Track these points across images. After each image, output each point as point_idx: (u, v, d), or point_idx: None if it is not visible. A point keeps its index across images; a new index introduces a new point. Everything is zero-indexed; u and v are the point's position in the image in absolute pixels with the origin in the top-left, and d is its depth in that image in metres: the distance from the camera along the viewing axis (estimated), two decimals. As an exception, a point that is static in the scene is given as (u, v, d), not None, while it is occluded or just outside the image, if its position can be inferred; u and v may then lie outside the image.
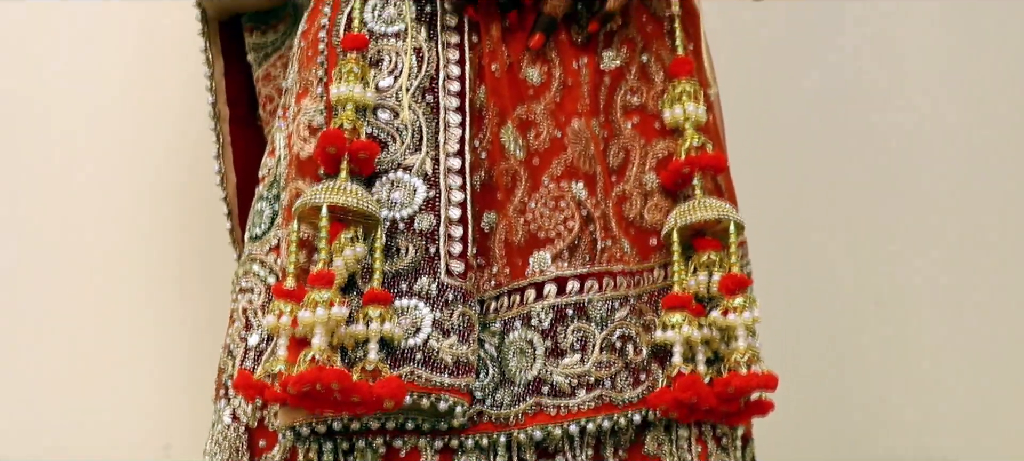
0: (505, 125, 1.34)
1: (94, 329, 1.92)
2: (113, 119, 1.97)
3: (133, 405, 1.91)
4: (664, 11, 1.43)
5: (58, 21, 1.97)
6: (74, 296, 1.92)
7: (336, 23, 1.35)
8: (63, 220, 1.94)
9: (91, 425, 1.90)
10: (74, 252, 1.93)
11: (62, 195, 1.94)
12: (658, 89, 1.40)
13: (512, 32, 1.36)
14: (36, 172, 1.94)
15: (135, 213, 1.96)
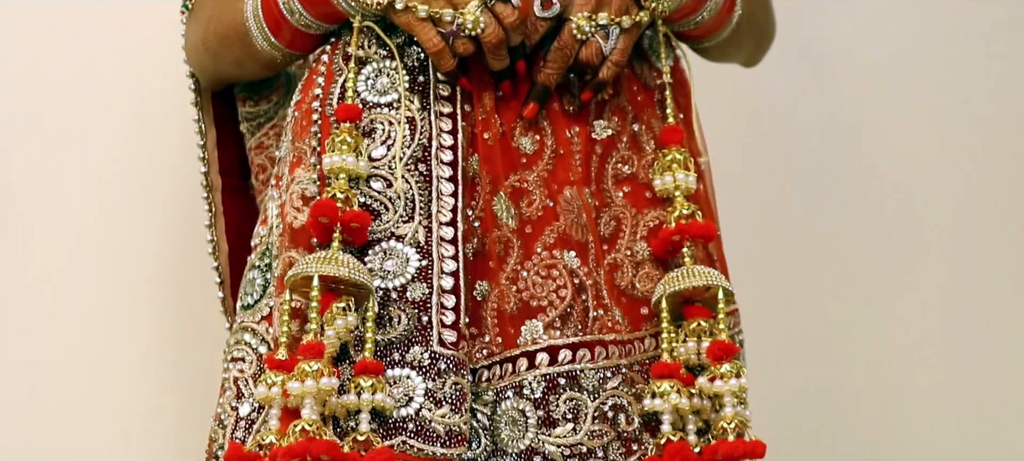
0: (498, 194, 1.34)
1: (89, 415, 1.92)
2: (107, 189, 1.98)
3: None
4: (655, 81, 1.44)
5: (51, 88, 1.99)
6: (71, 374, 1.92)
7: (330, 93, 1.36)
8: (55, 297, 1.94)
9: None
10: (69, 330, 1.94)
11: (52, 271, 1.95)
12: (649, 158, 1.41)
13: (505, 101, 1.37)
14: (32, 256, 1.95)
15: (128, 280, 1.97)
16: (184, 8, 1.52)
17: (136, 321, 1.96)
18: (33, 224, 1.95)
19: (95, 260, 1.96)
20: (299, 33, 1.38)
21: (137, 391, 1.94)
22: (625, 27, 1.33)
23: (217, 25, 1.44)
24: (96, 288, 1.95)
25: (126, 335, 1.95)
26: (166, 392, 1.94)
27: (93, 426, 1.92)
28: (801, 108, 2.28)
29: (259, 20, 1.38)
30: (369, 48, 1.36)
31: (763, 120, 2.26)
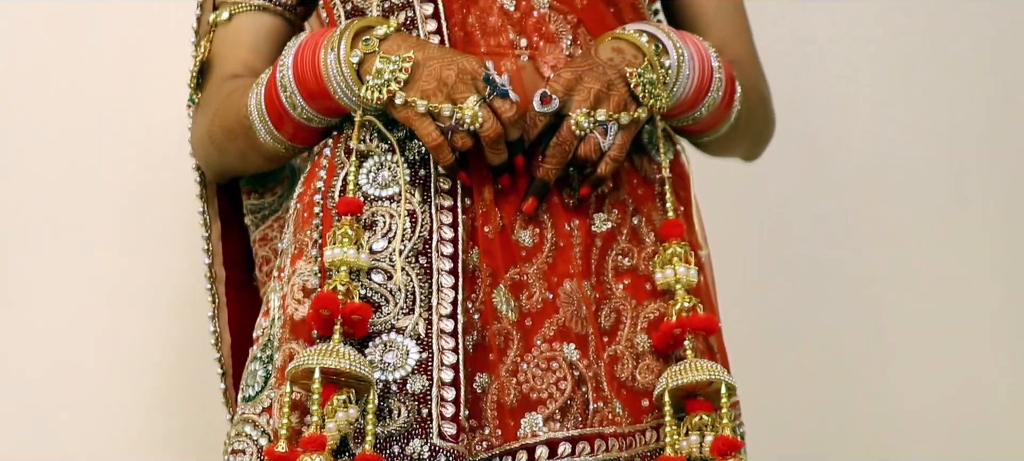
0: (498, 286, 1.35)
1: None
2: (113, 282, 2.00)
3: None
4: (654, 174, 1.45)
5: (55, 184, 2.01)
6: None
7: (331, 186, 1.38)
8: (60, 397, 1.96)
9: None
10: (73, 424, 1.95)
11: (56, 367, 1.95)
12: (649, 251, 1.42)
13: (505, 195, 1.38)
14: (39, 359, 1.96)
15: (133, 372, 1.97)
16: (190, 102, 1.54)
17: (140, 412, 1.97)
18: (38, 319, 1.96)
19: (101, 352, 1.97)
20: (302, 127, 1.40)
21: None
22: (623, 123, 1.34)
23: (222, 119, 1.46)
24: (101, 381, 1.97)
25: (130, 427, 1.96)
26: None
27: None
28: (800, 201, 2.29)
29: (262, 114, 1.40)
30: (371, 142, 1.38)
31: (763, 213, 2.27)
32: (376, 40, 1.32)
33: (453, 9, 1.41)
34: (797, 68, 2.28)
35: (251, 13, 1.51)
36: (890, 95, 2.34)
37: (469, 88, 1.29)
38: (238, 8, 1.51)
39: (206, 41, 1.53)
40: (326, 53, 1.33)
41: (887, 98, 2.33)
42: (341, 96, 1.34)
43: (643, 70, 1.34)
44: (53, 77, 2.04)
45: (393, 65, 1.30)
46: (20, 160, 2.02)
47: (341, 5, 1.44)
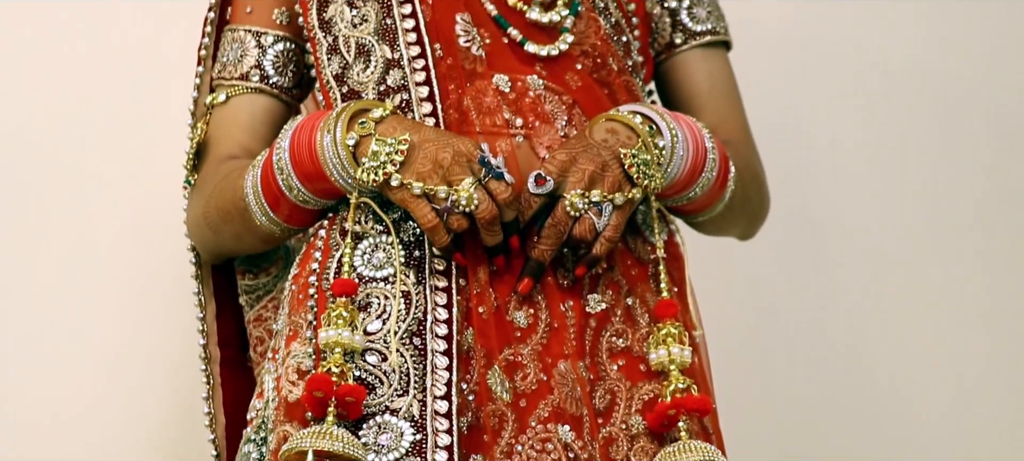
0: (492, 368, 1.35)
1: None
2: (109, 362, 2.00)
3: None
4: (648, 255, 1.46)
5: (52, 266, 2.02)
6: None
7: (326, 268, 1.38)
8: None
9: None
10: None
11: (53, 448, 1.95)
12: (643, 332, 1.42)
13: (499, 275, 1.38)
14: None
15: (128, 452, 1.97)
16: (186, 183, 1.55)
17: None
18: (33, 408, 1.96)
19: (94, 434, 1.96)
20: (297, 208, 1.40)
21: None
22: (618, 204, 1.35)
23: (218, 200, 1.46)
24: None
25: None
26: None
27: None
28: (796, 281, 2.30)
29: (258, 195, 1.40)
30: (366, 223, 1.38)
31: (758, 293, 2.28)
32: (372, 123, 1.33)
33: (448, 91, 1.42)
34: (791, 146, 2.30)
35: (248, 95, 1.52)
36: (885, 172, 2.35)
37: (465, 170, 1.30)
38: (235, 90, 1.52)
39: (203, 123, 1.54)
40: (322, 135, 1.33)
41: (882, 175, 2.35)
42: (337, 178, 1.34)
43: (637, 151, 1.35)
44: (52, 156, 2.06)
45: (389, 147, 1.31)
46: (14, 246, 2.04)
47: (337, 87, 1.45)
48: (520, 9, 1.47)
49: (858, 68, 2.35)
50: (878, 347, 2.29)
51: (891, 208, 2.34)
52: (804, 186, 2.30)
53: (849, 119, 2.35)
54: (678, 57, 1.62)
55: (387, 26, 1.43)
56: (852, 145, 2.34)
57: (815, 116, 2.35)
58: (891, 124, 2.35)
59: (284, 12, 1.53)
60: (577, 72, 1.47)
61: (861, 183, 2.35)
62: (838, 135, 2.35)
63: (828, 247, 2.33)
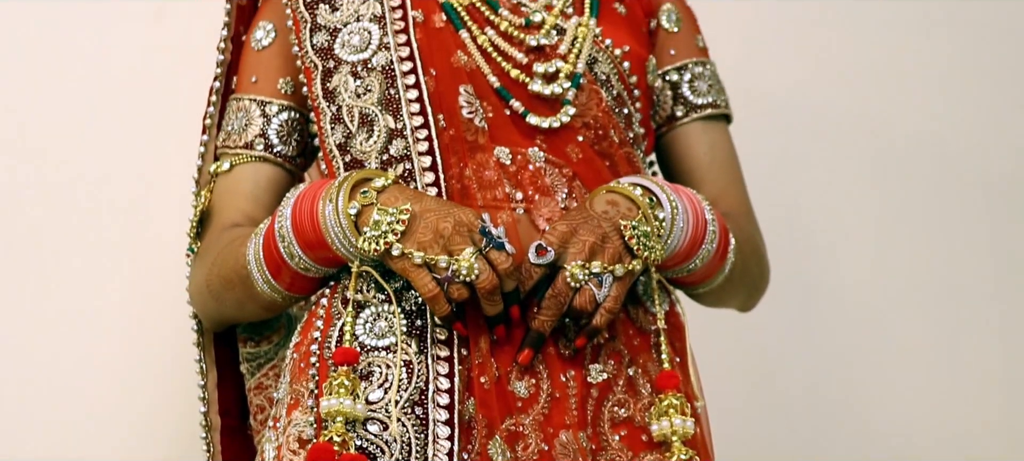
0: (493, 438, 1.35)
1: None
2: (108, 429, 2.00)
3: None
4: (650, 325, 1.46)
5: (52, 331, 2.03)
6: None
7: (328, 336, 1.38)
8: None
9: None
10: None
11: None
12: (645, 402, 1.42)
13: (501, 345, 1.38)
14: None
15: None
16: (189, 251, 1.56)
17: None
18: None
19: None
20: (299, 276, 1.41)
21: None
22: (618, 275, 1.35)
23: (220, 268, 1.47)
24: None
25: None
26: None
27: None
28: (795, 351, 2.30)
29: (260, 263, 1.41)
30: (367, 292, 1.39)
31: (759, 364, 2.27)
32: (374, 192, 1.34)
33: (450, 162, 1.43)
34: (791, 218, 2.31)
35: (252, 164, 1.53)
36: (884, 241, 2.36)
37: (465, 240, 1.31)
38: (239, 158, 1.53)
39: (206, 191, 1.55)
40: (324, 204, 1.34)
41: (881, 244, 2.36)
42: (339, 247, 1.35)
43: (637, 223, 1.36)
44: (56, 222, 2.07)
45: (390, 217, 1.31)
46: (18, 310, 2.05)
47: (340, 157, 1.46)
48: (523, 81, 1.48)
49: (856, 139, 2.36)
50: (877, 412, 2.29)
51: (890, 277, 2.34)
52: (803, 255, 2.31)
53: (848, 189, 2.36)
54: (679, 129, 1.63)
55: (391, 96, 1.45)
56: (851, 216, 2.35)
57: (814, 187, 2.36)
58: (890, 192, 2.37)
59: (289, 82, 1.54)
60: (578, 144, 1.48)
61: (860, 253, 2.35)
62: (837, 206, 2.36)
63: (827, 315, 2.34)
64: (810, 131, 2.36)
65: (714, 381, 1.59)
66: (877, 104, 2.37)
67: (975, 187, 2.38)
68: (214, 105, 1.58)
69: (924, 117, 2.38)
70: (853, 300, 2.33)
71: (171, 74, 2.11)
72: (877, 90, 2.37)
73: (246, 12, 1.61)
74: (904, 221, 2.36)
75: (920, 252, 2.35)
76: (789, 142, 2.35)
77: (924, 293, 2.34)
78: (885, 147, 2.37)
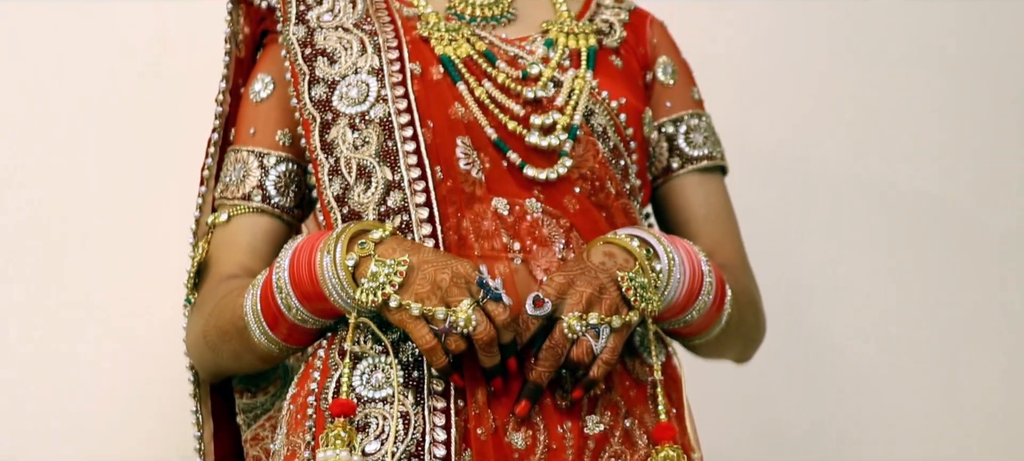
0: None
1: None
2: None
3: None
4: (646, 377, 1.46)
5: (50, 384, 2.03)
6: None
7: (325, 388, 1.38)
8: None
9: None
10: None
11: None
12: (642, 453, 1.41)
13: (498, 397, 1.38)
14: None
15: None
16: (186, 302, 1.56)
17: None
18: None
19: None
20: (296, 328, 1.41)
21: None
22: (615, 327, 1.35)
23: (217, 319, 1.47)
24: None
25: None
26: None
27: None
28: (792, 403, 2.30)
29: (257, 315, 1.41)
30: (364, 344, 1.39)
31: (755, 415, 2.27)
32: (372, 243, 1.34)
33: (448, 213, 1.44)
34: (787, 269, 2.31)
35: (250, 215, 1.54)
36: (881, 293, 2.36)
37: (463, 292, 1.31)
38: (237, 210, 1.54)
39: (204, 242, 1.55)
40: (322, 256, 1.34)
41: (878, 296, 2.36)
42: (336, 298, 1.35)
43: (634, 274, 1.36)
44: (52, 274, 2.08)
45: (388, 268, 1.32)
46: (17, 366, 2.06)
47: (338, 208, 1.46)
48: (520, 133, 1.49)
49: (853, 190, 2.37)
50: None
51: (887, 329, 2.35)
52: (800, 306, 2.31)
53: (844, 241, 2.37)
54: (675, 181, 1.64)
55: (388, 148, 1.45)
56: (848, 267, 2.36)
57: (811, 238, 2.36)
58: (887, 244, 2.37)
59: (287, 133, 1.55)
60: (575, 196, 1.49)
61: (857, 304, 2.35)
62: (834, 257, 2.36)
63: (824, 367, 2.34)
64: (806, 182, 2.37)
65: (711, 433, 1.59)
66: (874, 156, 2.38)
67: (974, 240, 2.38)
68: (212, 157, 1.59)
69: (922, 169, 2.39)
70: (850, 352, 2.33)
71: (169, 125, 2.13)
72: (874, 142, 2.38)
73: (244, 65, 1.62)
74: (902, 273, 2.37)
75: (919, 304, 2.35)
76: (785, 193, 2.36)
77: (923, 345, 2.34)
78: (882, 199, 2.38)
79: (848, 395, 2.32)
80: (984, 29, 2.40)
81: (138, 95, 2.17)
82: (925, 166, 2.39)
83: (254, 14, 1.60)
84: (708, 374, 1.76)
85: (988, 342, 2.35)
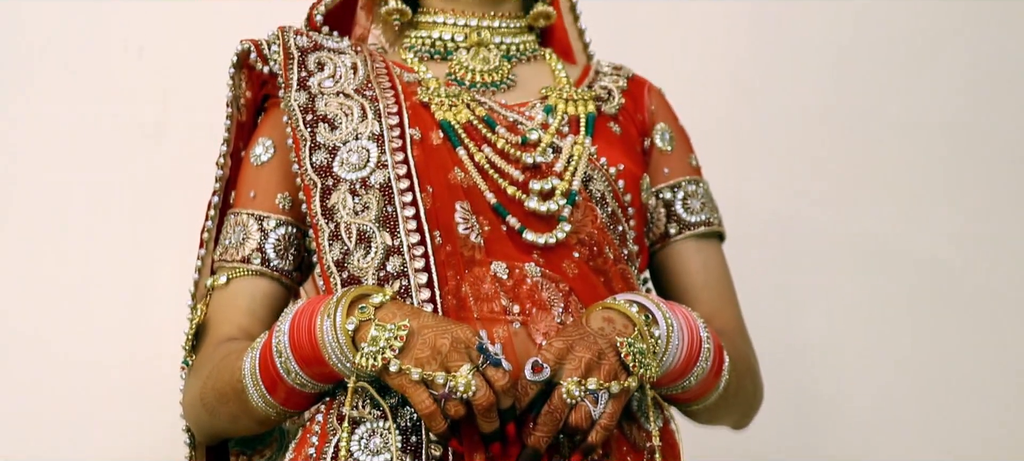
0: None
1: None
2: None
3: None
4: (644, 442, 1.46)
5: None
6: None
7: (323, 453, 1.38)
8: None
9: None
10: None
11: None
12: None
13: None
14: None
15: None
16: (184, 364, 1.56)
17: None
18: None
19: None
20: (295, 392, 1.41)
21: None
22: (614, 392, 1.35)
23: (215, 382, 1.47)
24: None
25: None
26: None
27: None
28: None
29: (256, 378, 1.41)
30: (363, 408, 1.39)
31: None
32: (372, 308, 1.34)
33: (447, 277, 1.44)
34: (785, 335, 2.32)
35: (249, 278, 1.54)
36: (878, 358, 2.36)
37: (462, 357, 1.31)
38: (236, 273, 1.54)
39: (203, 304, 1.55)
40: (322, 320, 1.35)
41: (875, 360, 2.36)
42: (336, 363, 1.35)
43: (633, 340, 1.36)
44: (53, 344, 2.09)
45: (388, 333, 1.32)
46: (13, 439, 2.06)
47: (338, 273, 1.47)
48: (519, 198, 1.50)
49: (852, 257, 2.38)
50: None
51: (887, 397, 2.35)
52: (798, 373, 2.31)
53: (844, 307, 2.38)
54: (673, 247, 1.65)
55: (388, 213, 1.46)
56: (847, 334, 2.36)
57: (809, 305, 2.37)
58: (887, 311, 2.38)
59: (287, 197, 1.56)
60: (574, 260, 1.50)
61: (853, 368, 2.35)
62: (833, 324, 2.37)
63: (823, 434, 2.33)
64: (804, 248, 2.38)
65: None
66: (873, 222, 2.39)
67: (967, 301, 2.39)
68: (212, 219, 1.60)
69: (922, 236, 2.40)
70: (849, 420, 2.33)
71: (170, 188, 2.14)
72: (873, 209, 2.40)
73: (245, 128, 1.63)
74: (902, 340, 2.37)
75: (915, 366, 2.35)
76: (783, 259, 2.36)
77: (919, 407, 2.34)
78: (882, 266, 2.38)
79: (845, 458, 2.31)
80: (978, 94, 2.42)
81: (139, 157, 2.18)
82: (918, 229, 2.40)
83: (256, 79, 1.61)
84: (705, 440, 1.75)
85: (984, 402, 2.35)
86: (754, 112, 2.40)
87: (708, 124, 1.88)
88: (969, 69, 2.42)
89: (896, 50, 2.42)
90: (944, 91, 2.41)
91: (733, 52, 2.40)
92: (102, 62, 2.20)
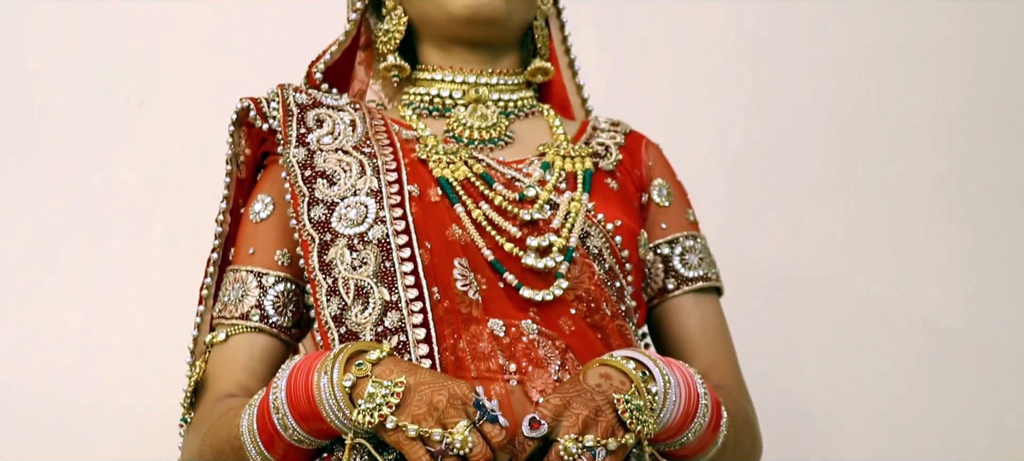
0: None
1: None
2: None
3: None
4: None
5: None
6: None
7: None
8: None
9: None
10: None
11: None
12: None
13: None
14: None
15: None
16: (182, 421, 1.56)
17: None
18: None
19: None
20: (292, 448, 1.40)
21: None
22: (611, 449, 1.35)
23: (213, 438, 1.47)
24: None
25: None
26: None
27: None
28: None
29: (253, 435, 1.41)
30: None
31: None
32: (369, 364, 1.34)
33: (445, 334, 1.44)
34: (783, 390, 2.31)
35: (247, 334, 1.54)
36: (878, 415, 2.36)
37: (459, 413, 1.31)
38: (235, 329, 1.54)
39: (201, 361, 1.55)
40: (320, 376, 1.35)
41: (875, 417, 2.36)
42: (333, 419, 1.35)
43: (630, 396, 1.36)
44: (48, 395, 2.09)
45: (385, 389, 1.32)
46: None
47: (336, 328, 1.47)
48: (516, 255, 1.50)
49: (850, 313, 2.38)
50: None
51: (884, 448, 2.34)
52: (797, 428, 2.31)
53: (842, 362, 2.37)
54: (670, 302, 1.65)
55: (386, 269, 1.46)
56: (846, 389, 2.36)
57: (807, 359, 2.37)
58: (886, 368, 2.37)
59: (285, 253, 1.56)
60: (571, 317, 1.50)
61: (857, 427, 2.35)
62: (832, 378, 2.36)
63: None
64: (802, 303, 2.38)
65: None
66: (871, 279, 2.39)
67: (968, 360, 2.39)
68: (211, 276, 1.60)
69: (923, 294, 2.40)
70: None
71: (168, 245, 2.14)
72: (867, 262, 2.40)
73: (245, 185, 1.64)
74: (902, 398, 2.36)
75: (915, 423, 2.35)
76: (781, 314, 2.36)
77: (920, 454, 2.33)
78: (878, 318, 2.38)
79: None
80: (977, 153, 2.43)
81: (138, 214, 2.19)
82: (918, 286, 2.40)
83: (255, 136, 1.62)
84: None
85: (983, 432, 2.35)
86: (755, 168, 2.41)
87: (707, 179, 1.89)
88: (970, 126, 2.43)
89: (899, 115, 2.43)
90: (939, 151, 2.43)
91: (736, 109, 2.42)
92: (104, 117, 2.22)
